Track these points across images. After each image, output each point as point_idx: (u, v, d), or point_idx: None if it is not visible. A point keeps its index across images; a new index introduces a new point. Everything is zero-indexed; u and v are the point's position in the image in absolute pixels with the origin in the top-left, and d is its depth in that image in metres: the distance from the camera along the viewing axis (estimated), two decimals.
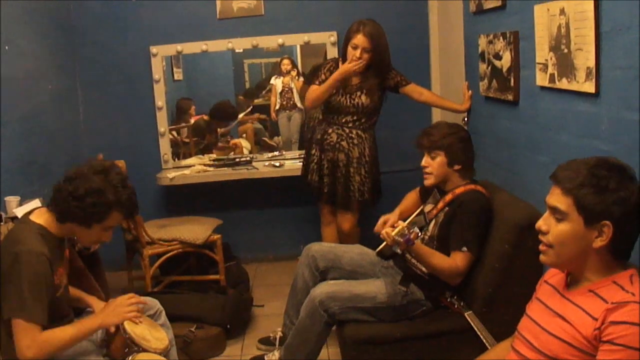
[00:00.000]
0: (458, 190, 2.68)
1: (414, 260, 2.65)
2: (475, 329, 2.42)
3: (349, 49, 3.51)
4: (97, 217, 2.18)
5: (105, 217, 2.19)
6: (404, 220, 2.53)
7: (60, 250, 2.29)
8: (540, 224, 1.67)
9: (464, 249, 2.54)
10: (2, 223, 2.85)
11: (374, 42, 3.47)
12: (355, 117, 3.61)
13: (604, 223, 1.55)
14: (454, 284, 2.61)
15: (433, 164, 2.72)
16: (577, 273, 1.66)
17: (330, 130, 3.65)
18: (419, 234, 2.50)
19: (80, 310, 2.53)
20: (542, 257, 1.69)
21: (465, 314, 2.51)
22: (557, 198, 1.61)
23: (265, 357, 3.04)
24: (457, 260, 2.55)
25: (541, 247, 1.68)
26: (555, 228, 1.62)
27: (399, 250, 2.38)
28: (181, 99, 5.03)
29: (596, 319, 1.50)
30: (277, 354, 2.98)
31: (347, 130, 3.62)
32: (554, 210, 1.63)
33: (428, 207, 2.83)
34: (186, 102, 5.05)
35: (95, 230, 2.22)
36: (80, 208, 2.14)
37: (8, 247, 2.13)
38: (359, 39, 3.47)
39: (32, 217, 2.23)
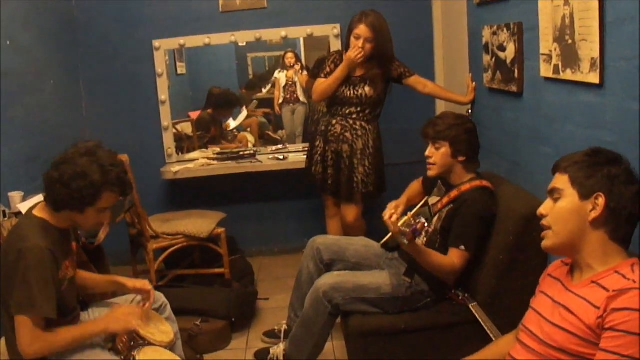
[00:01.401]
0: (464, 187, 2.66)
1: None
2: (480, 320, 2.41)
3: (352, 39, 3.52)
4: (87, 200, 2.11)
5: (97, 198, 2.13)
6: (410, 210, 2.52)
7: (66, 243, 2.28)
8: (541, 209, 1.73)
9: (462, 247, 2.54)
10: (5, 219, 2.85)
11: (376, 32, 3.47)
12: (359, 109, 3.61)
13: (597, 194, 1.61)
14: (450, 281, 2.61)
15: (437, 155, 2.71)
16: (579, 259, 1.66)
17: (334, 122, 3.65)
18: (426, 225, 2.49)
19: (86, 304, 2.54)
20: (543, 243, 1.73)
21: (470, 306, 2.51)
22: (555, 180, 1.71)
23: (271, 350, 3.04)
24: (454, 257, 2.55)
25: (542, 234, 1.73)
26: (553, 208, 1.69)
27: (405, 241, 2.37)
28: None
29: (598, 308, 1.51)
30: (282, 346, 2.98)
31: (351, 122, 3.62)
32: (552, 192, 1.70)
33: (433, 200, 2.82)
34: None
35: (90, 213, 2.17)
36: (68, 194, 2.09)
37: (12, 244, 2.12)
38: (361, 29, 3.47)
39: (35, 212, 2.22)
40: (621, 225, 1.62)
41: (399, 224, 2.34)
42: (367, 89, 3.57)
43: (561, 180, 1.68)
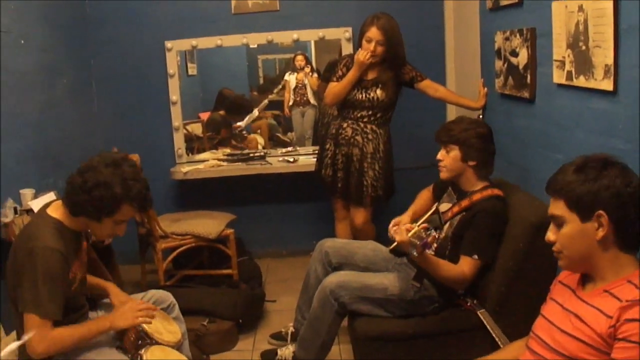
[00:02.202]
0: (475, 197, 2.64)
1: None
2: (488, 327, 2.40)
3: (363, 42, 3.52)
4: (106, 211, 2.14)
5: (115, 210, 2.15)
6: (417, 220, 2.51)
7: (77, 244, 2.29)
8: (549, 235, 1.70)
9: (475, 256, 2.53)
10: (17, 215, 2.87)
11: (388, 35, 3.48)
12: (370, 112, 3.61)
13: (598, 213, 1.57)
14: (460, 290, 2.60)
15: (447, 158, 2.69)
16: (592, 272, 1.65)
17: (345, 125, 3.65)
18: (437, 237, 2.48)
19: (95, 302, 2.54)
20: (561, 264, 1.72)
21: (478, 312, 2.50)
22: (552, 206, 1.67)
23: (278, 352, 3.04)
24: (465, 266, 2.53)
25: (555, 255, 1.71)
26: (560, 234, 1.66)
27: (415, 253, 2.35)
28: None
29: (611, 317, 1.50)
30: (291, 348, 2.97)
31: (362, 125, 3.62)
32: (553, 219, 1.67)
33: (443, 207, 2.80)
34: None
35: (107, 224, 2.19)
36: (88, 201, 2.11)
37: (24, 242, 2.13)
38: (373, 32, 3.47)
39: (49, 211, 2.23)
40: (629, 233, 1.59)
41: (409, 234, 2.33)
42: (378, 92, 3.57)
43: (558, 207, 1.64)
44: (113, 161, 2.17)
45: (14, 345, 1.89)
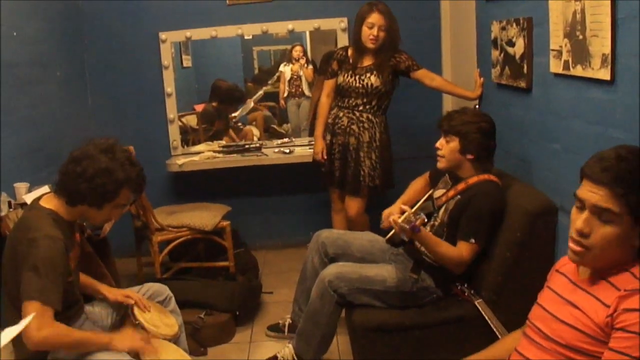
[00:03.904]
0: (471, 180, 2.65)
1: (423, 248, 2.64)
2: (486, 317, 2.40)
3: (364, 29, 3.53)
4: (108, 197, 2.17)
5: (116, 195, 2.19)
6: (412, 207, 2.52)
7: (72, 235, 2.29)
8: (582, 226, 1.54)
9: (472, 240, 2.53)
10: (11, 209, 2.85)
11: (389, 20, 3.51)
12: (365, 100, 3.60)
13: None
14: (457, 273, 2.60)
15: (446, 148, 2.69)
16: (600, 268, 1.60)
17: (341, 114, 3.66)
18: (426, 221, 2.48)
19: (90, 298, 2.53)
20: (574, 258, 1.59)
21: (476, 302, 2.49)
22: (606, 199, 1.49)
23: (278, 355, 2.95)
24: (463, 250, 2.54)
25: (576, 248, 1.56)
26: (601, 229, 1.52)
27: (405, 238, 2.36)
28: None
29: (608, 307, 1.49)
30: (290, 346, 2.92)
31: (358, 114, 3.62)
32: (602, 211, 1.50)
33: (437, 193, 2.80)
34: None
35: (107, 209, 2.23)
36: (90, 189, 2.13)
37: (23, 234, 2.11)
38: (375, 17, 3.49)
39: (42, 203, 2.22)
40: None
41: (400, 220, 2.33)
42: (373, 78, 3.56)
43: (616, 204, 1.48)
44: (107, 147, 2.19)
45: (11, 330, 1.76)
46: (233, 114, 5.16)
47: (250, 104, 5.20)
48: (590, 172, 1.54)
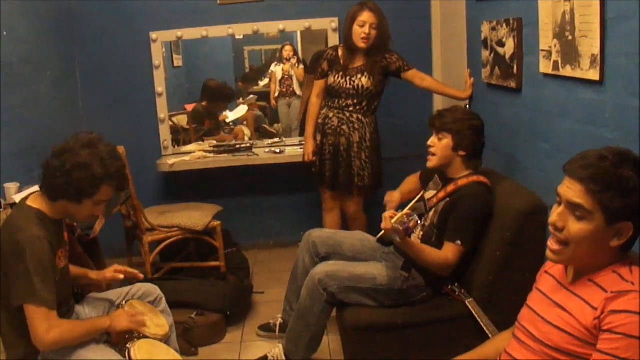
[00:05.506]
0: (461, 182, 2.66)
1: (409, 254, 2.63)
2: (476, 316, 2.41)
3: (355, 27, 3.53)
4: (86, 192, 2.14)
5: (95, 191, 2.15)
6: (405, 206, 2.52)
7: (59, 234, 2.27)
8: (556, 219, 1.57)
9: (458, 242, 2.53)
10: (1, 210, 2.84)
11: (380, 18, 3.52)
12: (355, 101, 3.61)
13: (625, 224, 1.50)
14: (444, 275, 2.61)
15: (438, 145, 2.70)
16: (582, 267, 1.61)
17: (331, 115, 3.67)
18: (419, 222, 2.49)
19: (82, 296, 2.53)
20: (552, 256, 1.61)
21: (466, 302, 2.50)
22: (579, 195, 1.51)
23: (268, 355, 2.95)
24: (449, 251, 2.54)
25: (554, 246, 1.59)
26: (574, 225, 1.53)
27: (398, 239, 2.37)
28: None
29: (596, 309, 1.50)
30: (280, 346, 2.92)
31: (348, 115, 3.62)
32: (575, 207, 1.52)
33: (429, 194, 2.82)
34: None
35: (87, 205, 2.19)
36: (68, 183, 2.10)
37: (9, 235, 2.11)
38: (366, 16, 3.50)
39: (29, 202, 2.21)
40: (635, 239, 1.54)
41: (392, 221, 2.34)
42: (363, 79, 3.57)
43: (589, 201, 1.49)
44: (89, 142, 2.16)
45: None
46: (224, 113, 5.16)
47: (244, 108, 5.20)
48: (570, 168, 1.56)
